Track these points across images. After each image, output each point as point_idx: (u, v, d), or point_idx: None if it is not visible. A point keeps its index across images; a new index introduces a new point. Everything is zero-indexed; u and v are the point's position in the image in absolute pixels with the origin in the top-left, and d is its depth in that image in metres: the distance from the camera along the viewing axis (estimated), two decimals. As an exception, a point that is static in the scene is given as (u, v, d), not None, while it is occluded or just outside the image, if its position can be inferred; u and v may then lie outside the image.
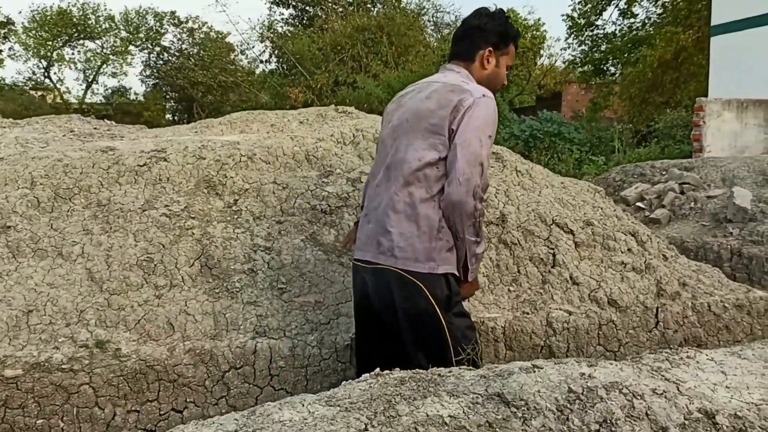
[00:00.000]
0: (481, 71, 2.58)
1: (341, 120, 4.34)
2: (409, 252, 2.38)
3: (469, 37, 2.59)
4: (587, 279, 3.53)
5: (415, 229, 2.38)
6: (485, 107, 2.38)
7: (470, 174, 2.31)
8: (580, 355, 3.37)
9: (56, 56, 38.63)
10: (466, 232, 2.37)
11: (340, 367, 2.99)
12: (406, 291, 2.40)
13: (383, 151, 2.59)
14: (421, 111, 2.45)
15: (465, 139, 2.33)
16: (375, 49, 23.09)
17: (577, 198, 3.98)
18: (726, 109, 10.54)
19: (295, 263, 3.28)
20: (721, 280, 3.85)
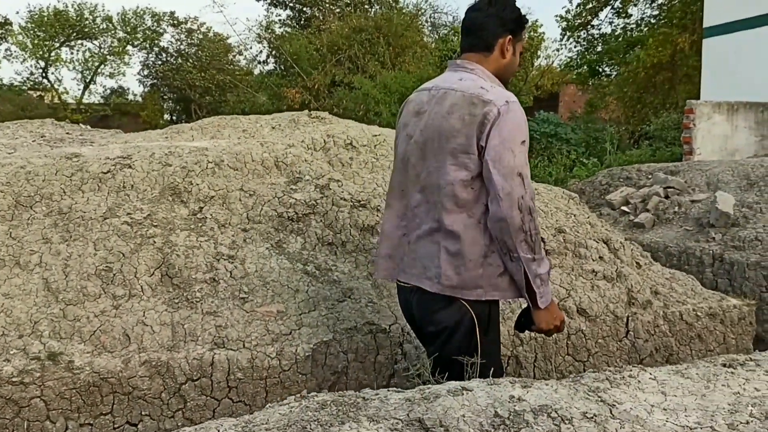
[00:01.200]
0: (500, 61, 2.46)
1: (313, 125, 4.30)
2: (456, 280, 2.31)
3: (485, 26, 2.44)
4: (557, 288, 3.49)
5: (461, 257, 2.30)
6: (512, 115, 2.26)
7: (510, 188, 2.19)
8: (548, 365, 3.33)
9: (54, 56, 38.59)
10: (519, 249, 2.22)
11: (301, 379, 2.95)
12: (450, 312, 2.37)
13: (411, 169, 2.46)
14: (445, 130, 2.32)
15: (496, 153, 2.22)
16: (372, 49, 23.03)
17: (549, 205, 3.94)
18: (716, 111, 10.51)
19: (259, 272, 3.24)
20: (694, 288, 3.81)
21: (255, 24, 38.30)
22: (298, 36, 26.53)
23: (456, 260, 2.31)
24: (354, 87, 21.07)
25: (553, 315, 2.39)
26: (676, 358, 3.54)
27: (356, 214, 3.54)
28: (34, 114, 27.98)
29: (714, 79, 12.71)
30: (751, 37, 12.01)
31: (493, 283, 2.33)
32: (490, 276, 2.32)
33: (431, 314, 2.43)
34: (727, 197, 5.88)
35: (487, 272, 2.31)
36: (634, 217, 6.68)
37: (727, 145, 10.58)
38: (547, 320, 2.38)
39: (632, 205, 6.90)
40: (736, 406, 1.56)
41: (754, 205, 5.73)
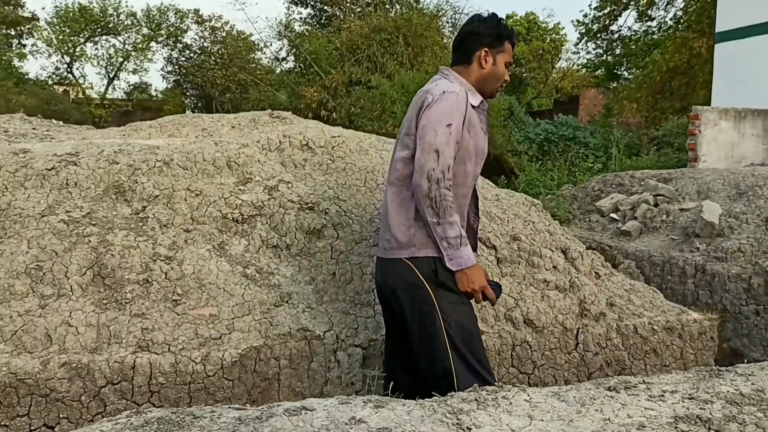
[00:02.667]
0: (480, 71, 2.80)
1: (272, 125, 4.24)
2: (394, 243, 2.70)
3: (464, 42, 2.83)
4: (505, 296, 3.40)
5: (397, 222, 2.70)
6: (442, 101, 2.62)
7: (424, 161, 2.55)
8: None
9: (78, 52, 38.99)
10: (426, 213, 2.58)
11: (227, 385, 2.89)
12: (398, 271, 2.69)
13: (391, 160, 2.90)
14: (404, 120, 2.79)
15: (422, 131, 2.61)
16: (391, 49, 22.94)
17: (507, 212, 3.85)
18: (723, 118, 10.29)
19: (196, 274, 3.18)
20: (653, 301, 3.69)
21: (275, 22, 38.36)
22: (318, 35, 26.55)
23: (393, 226, 2.72)
24: (371, 87, 21.01)
25: (470, 279, 2.62)
26: (629, 372, 3.44)
27: (303, 217, 3.48)
28: (58, 108, 28.27)
29: (725, 85, 12.46)
30: (763, 43, 11.76)
31: (423, 242, 2.66)
32: (420, 236, 2.66)
33: (383, 275, 2.80)
34: (713, 206, 5.73)
35: (417, 233, 2.67)
36: (622, 224, 6.55)
37: (733, 153, 10.36)
38: (462, 282, 2.63)
39: (621, 213, 6.77)
40: (597, 434, 1.48)
41: (741, 215, 5.58)
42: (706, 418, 1.52)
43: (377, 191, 3.74)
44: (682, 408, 1.60)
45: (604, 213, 6.90)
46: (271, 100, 25.41)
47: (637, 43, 23.59)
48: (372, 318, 3.20)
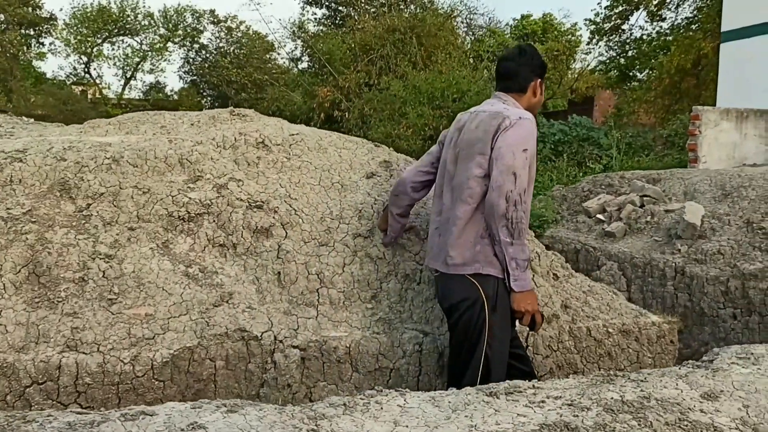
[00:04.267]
0: (531, 100, 2.98)
1: (231, 123, 4.19)
2: (458, 260, 2.79)
3: (519, 73, 2.96)
4: (454, 298, 3.32)
5: (464, 239, 2.78)
6: (520, 127, 2.74)
7: (502, 181, 2.65)
8: (432, 379, 3.17)
9: (96, 52, 39.35)
10: (500, 233, 2.66)
11: (158, 386, 2.84)
12: (462, 287, 2.78)
13: (447, 174, 2.97)
14: (471, 139, 2.85)
15: (499, 152, 2.70)
16: (404, 49, 22.88)
17: (465, 211, 3.76)
18: (724, 118, 10.13)
19: (136, 273, 3.14)
20: (611, 303, 3.60)
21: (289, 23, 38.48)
22: (332, 35, 26.55)
23: (458, 243, 2.79)
24: (381, 89, 20.97)
25: (528, 300, 2.73)
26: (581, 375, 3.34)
27: (250, 216, 3.43)
28: (75, 108, 28.52)
29: (730, 85, 12.28)
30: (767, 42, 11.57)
31: (489, 260, 2.75)
32: (486, 254, 2.75)
33: (446, 291, 2.89)
34: (696, 208, 5.62)
35: (483, 251, 2.76)
36: (607, 225, 6.44)
37: (735, 154, 10.20)
38: (520, 303, 2.72)
39: (608, 213, 6.66)
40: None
41: (724, 216, 5.46)
42: (573, 426, 1.45)
43: (332, 190, 3.69)
44: (555, 415, 1.52)
45: (591, 214, 6.79)
46: (285, 99, 25.48)
47: (650, 44, 23.34)
48: (314, 319, 3.15)
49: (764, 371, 1.75)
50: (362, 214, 3.56)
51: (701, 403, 1.59)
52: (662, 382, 1.70)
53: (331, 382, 3.08)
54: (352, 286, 3.30)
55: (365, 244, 3.44)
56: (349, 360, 3.08)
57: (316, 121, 23.02)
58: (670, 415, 1.50)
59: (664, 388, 1.66)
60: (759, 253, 4.77)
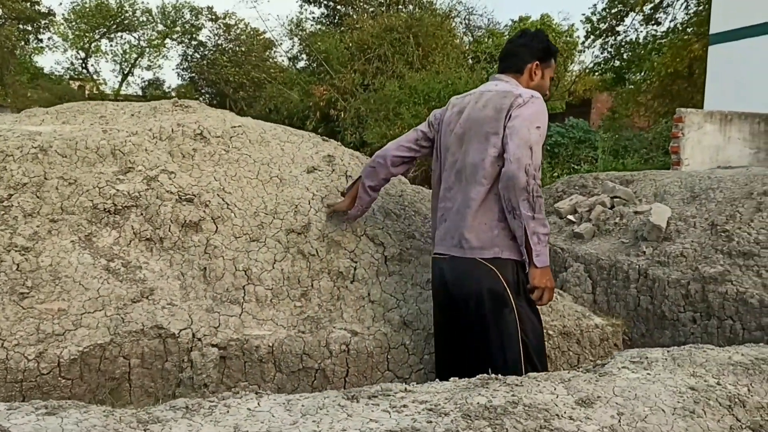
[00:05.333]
0: (528, 82, 2.91)
1: (172, 114, 4.07)
2: (475, 243, 2.69)
3: (516, 53, 2.95)
4: (387, 297, 3.21)
5: (480, 222, 2.69)
6: (533, 104, 2.69)
7: (521, 154, 2.57)
8: (362, 380, 3.06)
9: (94, 48, 39.31)
10: (521, 207, 2.57)
11: (65, 384, 2.72)
12: (478, 273, 2.68)
13: (450, 157, 2.89)
14: (480, 118, 2.77)
15: (514, 127, 2.64)
16: (401, 49, 22.80)
17: (408, 209, 3.66)
18: (708, 121, 10.02)
19: (53, 266, 3.02)
20: (554, 305, 3.48)
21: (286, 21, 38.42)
22: (330, 34, 26.47)
23: (474, 225, 2.70)
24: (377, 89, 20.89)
25: (547, 276, 2.65)
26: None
27: (179, 209, 3.31)
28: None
29: (719, 88, 12.16)
30: (756, 45, 11.45)
31: (507, 244, 2.68)
32: (504, 237, 2.68)
33: (460, 276, 2.76)
34: (662, 209, 5.49)
35: (501, 234, 2.68)
36: (577, 226, 6.32)
37: (718, 157, 10.08)
38: (540, 278, 2.63)
39: (579, 215, 6.54)
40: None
41: (690, 218, 5.34)
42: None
43: (270, 184, 3.57)
44: (409, 421, 1.41)
45: (562, 215, 6.67)
46: (283, 98, 25.39)
47: (646, 47, 23.24)
48: (237, 317, 3.03)
49: (653, 377, 1.64)
50: (298, 210, 3.44)
51: (573, 409, 1.47)
52: (540, 387, 1.59)
53: (253, 382, 2.96)
54: (282, 284, 3.19)
55: (299, 240, 3.33)
56: (272, 360, 2.97)
57: (312, 120, 22.97)
58: (532, 422, 1.39)
59: (539, 393, 1.55)
60: (720, 256, 4.64)
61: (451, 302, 2.84)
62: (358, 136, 20.25)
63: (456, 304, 2.81)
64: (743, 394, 1.54)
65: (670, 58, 16.10)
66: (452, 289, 2.81)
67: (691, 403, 1.48)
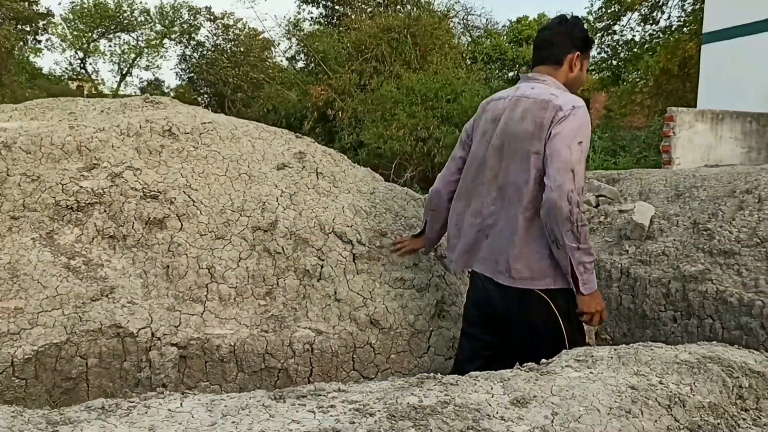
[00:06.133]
0: (568, 74, 2.72)
1: (141, 110, 4.02)
2: (526, 273, 2.57)
3: (556, 42, 2.71)
4: (354, 295, 3.16)
5: (530, 251, 2.56)
6: (575, 118, 2.50)
7: (561, 180, 2.41)
8: (326, 380, 3.00)
9: (92, 48, 39.30)
10: (565, 238, 2.44)
11: (18, 384, 2.67)
12: (533, 305, 2.59)
13: (489, 171, 2.72)
14: (519, 133, 2.59)
15: (554, 148, 2.46)
16: (399, 49, 22.77)
17: (379, 206, 3.60)
18: (699, 120, 9.97)
19: (12, 264, 2.96)
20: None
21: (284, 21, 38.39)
22: (327, 33, 26.43)
23: (524, 254, 2.56)
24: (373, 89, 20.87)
25: (596, 300, 2.57)
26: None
27: (144, 206, 3.25)
28: (68, 104, 28.41)
29: (711, 87, 12.11)
30: (748, 44, 11.40)
31: (558, 273, 2.55)
32: (554, 267, 2.55)
33: (513, 307, 2.66)
34: (646, 208, 5.44)
35: (552, 263, 2.55)
36: (562, 225, 6.26)
37: (710, 156, 10.03)
38: (589, 305, 2.55)
39: (564, 213, 6.48)
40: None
41: (674, 217, 5.29)
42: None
43: (238, 181, 3.51)
44: (332, 422, 1.35)
45: (548, 213, 6.61)
46: (281, 98, 25.35)
47: (643, 46, 23.20)
48: (198, 315, 2.97)
49: (595, 375, 1.58)
50: (266, 207, 3.38)
51: (507, 409, 1.42)
52: (476, 386, 1.53)
53: (214, 382, 2.91)
54: (246, 282, 3.13)
55: (265, 238, 3.27)
56: (234, 359, 2.91)
57: (310, 120, 22.93)
58: (460, 422, 1.33)
59: (474, 392, 1.49)
60: (701, 255, 4.59)
61: (500, 327, 2.79)
62: (356, 136, 20.24)
63: (506, 329, 2.76)
64: (685, 394, 1.48)
65: (663, 57, 16.05)
66: (502, 317, 2.74)
67: (629, 402, 1.42)
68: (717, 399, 1.49)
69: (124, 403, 1.45)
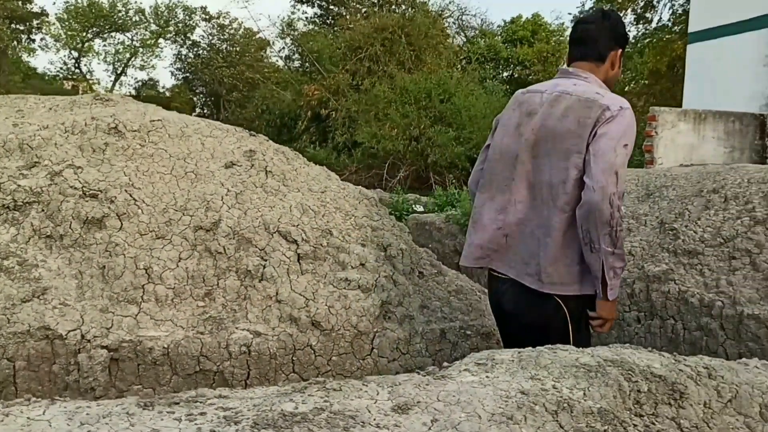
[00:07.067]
0: (609, 72, 2.62)
1: (90, 108, 3.94)
2: (556, 278, 2.46)
3: (599, 38, 2.59)
4: (296, 296, 3.08)
5: (564, 255, 2.45)
6: (622, 118, 2.39)
7: (605, 182, 2.31)
8: (264, 383, 2.93)
9: (86, 48, 39.20)
10: (602, 241, 2.34)
11: (-62, 386, 2.59)
12: (546, 306, 2.50)
13: (520, 166, 2.57)
14: (560, 131, 2.46)
15: (599, 148, 2.36)
16: (393, 49, 22.73)
17: (328, 205, 3.53)
18: (681, 119, 9.91)
19: (-61, 265, 2.89)
20: (476, 304, 3.36)
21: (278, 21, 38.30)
22: (322, 33, 26.38)
23: (559, 259, 2.45)
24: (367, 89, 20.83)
25: (613, 308, 2.54)
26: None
27: (82, 206, 3.18)
28: (62, 105, 28.32)
29: (697, 87, 12.06)
30: (733, 44, 11.35)
31: (586, 279, 2.46)
32: (585, 273, 2.45)
33: (526, 308, 2.57)
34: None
35: (583, 270, 2.45)
36: (534, 225, 6.19)
37: (692, 156, 9.97)
38: (609, 311, 2.51)
39: (537, 213, 6.41)
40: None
41: (642, 216, 5.22)
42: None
43: (184, 179, 3.44)
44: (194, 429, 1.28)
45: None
46: (275, 98, 25.29)
47: (635, 45, 23.16)
48: (132, 317, 2.90)
49: (489, 380, 1.51)
50: (210, 206, 3.31)
51: (386, 416, 1.34)
52: (361, 391, 1.46)
53: (147, 385, 2.84)
54: (185, 283, 3.06)
55: (207, 238, 3.20)
56: (168, 362, 2.84)
57: (304, 119, 22.88)
58: (328, 430, 1.26)
59: (357, 398, 1.42)
60: (666, 255, 4.52)
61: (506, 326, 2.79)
62: (349, 135, 20.20)
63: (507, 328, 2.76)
64: (575, 399, 1.41)
65: (653, 58, 16.01)
66: (513, 314, 2.67)
67: (514, 408, 1.35)
68: (609, 404, 1.42)
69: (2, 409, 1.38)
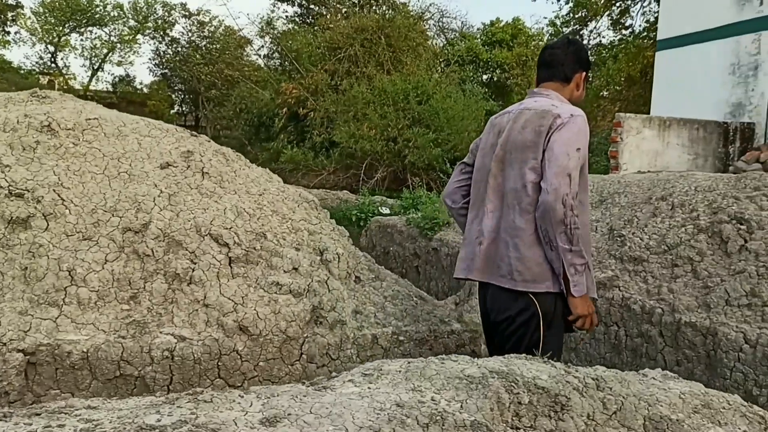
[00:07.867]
0: (574, 92, 2.83)
1: (25, 105, 3.86)
2: (528, 276, 2.59)
3: (566, 62, 2.80)
4: (224, 300, 3.02)
5: (532, 254, 2.60)
6: (573, 124, 2.58)
7: (558, 184, 2.48)
8: (187, 388, 2.86)
9: (63, 42, 38.77)
10: (559, 240, 2.50)
11: None
12: (520, 305, 2.63)
13: (492, 179, 2.76)
14: (520, 142, 2.67)
15: (553, 153, 2.54)
16: (372, 50, 22.65)
17: (265, 208, 3.47)
18: (646, 126, 9.95)
19: None
20: (411, 310, 3.32)
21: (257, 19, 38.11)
22: (301, 32, 26.24)
23: (528, 257, 2.60)
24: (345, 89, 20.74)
25: (586, 303, 2.62)
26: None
27: (7, 205, 3.10)
28: (38, 99, 27.92)
29: (665, 94, 12.13)
30: (699, 52, 11.43)
31: (553, 277, 2.59)
32: (551, 270, 2.59)
33: (501, 305, 2.70)
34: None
35: (550, 268, 2.59)
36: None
37: (657, 162, 10.02)
38: (582, 307, 2.61)
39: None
40: None
41: (594, 223, 5.22)
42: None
43: (116, 180, 3.37)
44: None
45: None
46: (253, 97, 25.12)
47: (611, 51, 23.30)
48: (52, 320, 2.83)
49: (371, 391, 1.47)
50: (141, 207, 3.24)
51: (252, 429, 1.30)
52: (233, 403, 1.41)
53: (66, 390, 2.77)
54: (110, 285, 2.99)
55: (135, 240, 3.13)
56: (87, 366, 2.77)
57: (282, 118, 22.74)
58: (182, 445, 1.21)
59: (227, 410, 1.38)
60: (613, 261, 4.52)
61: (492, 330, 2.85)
62: (327, 135, 20.11)
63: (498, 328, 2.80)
64: (450, 411, 1.37)
65: (625, 64, 16.10)
66: (490, 313, 2.79)
67: (384, 421, 1.31)
68: (485, 416, 1.39)
69: None
